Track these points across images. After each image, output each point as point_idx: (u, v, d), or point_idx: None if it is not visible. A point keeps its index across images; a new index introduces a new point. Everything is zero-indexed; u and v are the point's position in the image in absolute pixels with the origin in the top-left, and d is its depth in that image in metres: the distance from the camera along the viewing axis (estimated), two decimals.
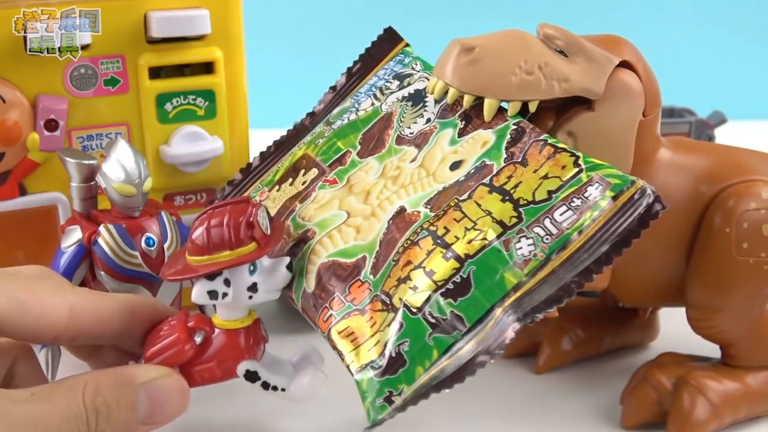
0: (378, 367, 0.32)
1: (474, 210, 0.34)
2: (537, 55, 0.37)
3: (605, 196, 0.33)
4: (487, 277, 0.33)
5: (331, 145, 0.42)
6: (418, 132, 0.39)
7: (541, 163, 0.35)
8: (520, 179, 0.35)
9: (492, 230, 0.33)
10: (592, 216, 0.33)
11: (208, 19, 0.46)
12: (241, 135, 0.50)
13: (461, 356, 0.32)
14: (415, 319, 0.33)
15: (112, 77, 0.46)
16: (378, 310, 0.34)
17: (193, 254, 0.35)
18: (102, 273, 0.41)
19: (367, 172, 0.39)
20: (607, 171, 0.34)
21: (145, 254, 0.40)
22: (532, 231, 0.33)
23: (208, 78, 0.47)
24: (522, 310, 0.32)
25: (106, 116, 0.46)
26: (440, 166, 0.37)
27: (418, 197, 0.37)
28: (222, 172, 0.49)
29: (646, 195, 0.33)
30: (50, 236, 0.46)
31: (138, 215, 0.41)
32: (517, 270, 0.33)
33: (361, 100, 0.43)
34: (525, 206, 0.34)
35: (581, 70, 0.37)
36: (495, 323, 0.32)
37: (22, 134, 0.44)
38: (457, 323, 0.32)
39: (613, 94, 0.37)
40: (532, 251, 0.33)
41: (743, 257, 0.38)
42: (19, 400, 0.31)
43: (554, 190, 0.34)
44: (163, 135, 0.47)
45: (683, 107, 0.68)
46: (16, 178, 0.45)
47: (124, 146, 0.40)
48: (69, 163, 0.41)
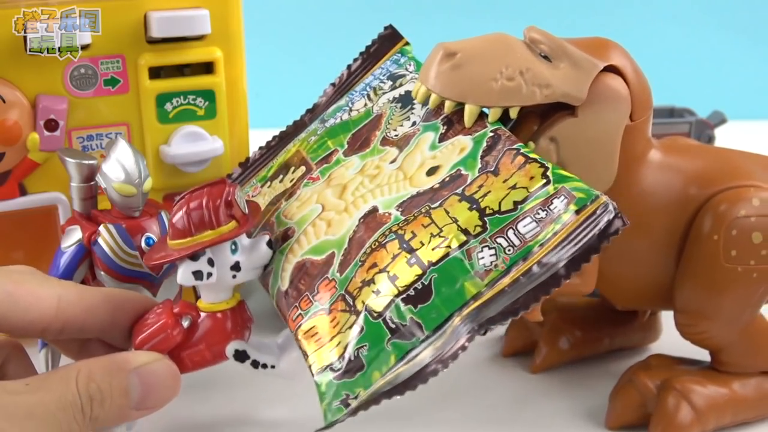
0: (337, 370, 0.33)
1: (442, 217, 0.34)
2: (519, 61, 0.36)
3: (569, 210, 0.32)
4: (448, 286, 0.33)
5: (321, 143, 0.42)
6: (402, 134, 0.39)
7: (511, 172, 0.34)
8: (490, 188, 0.34)
9: (456, 238, 0.33)
10: (554, 229, 0.32)
11: (208, 19, 0.46)
12: (241, 135, 0.50)
13: (417, 363, 0.32)
14: (376, 324, 0.33)
15: (112, 77, 0.46)
16: (341, 311, 0.34)
17: (175, 238, 0.36)
18: (102, 273, 0.41)
19: (347, 168, 0.40)
20: (574, 184, 0.33)
21: (145, 254, 0.40)
22: (495, 241, 0.33)
23: (208, 78, 0.47)
24: (478, 321, 0.32)
25: (106, 116, 0.46)
26: (418, 170, 0.37)
27: (391, 198, 0.37)
28: (222, 172, 0.49)
29: (608, 211, 0.32)
30: (50, 236, 0.46)
31: (138, 215, 0.41)
32: (478, 280, 0.32)
33: (355, 100, 0.43)
34: (490, 216, 0.33)
35: (564, 76, 0.36)
36: (452, 332, 0.32)
37: (22, 134, 0.44)
38: (415, 330, 0.32)
39: (596, 99, 0.37)
40: (494, 262, 0.32)
41: (732, 265, 0.38)
42: (14, 391, 0.31)
43: (520, 200, 0.33)
44: (163, 135, 0.47)
45: (683, 107, 0.68)
46: (16, 178, 0.45)
47: (124, 146, 0.40)
48: (69, 163, 0.41)
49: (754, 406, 0.41)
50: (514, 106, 0.36)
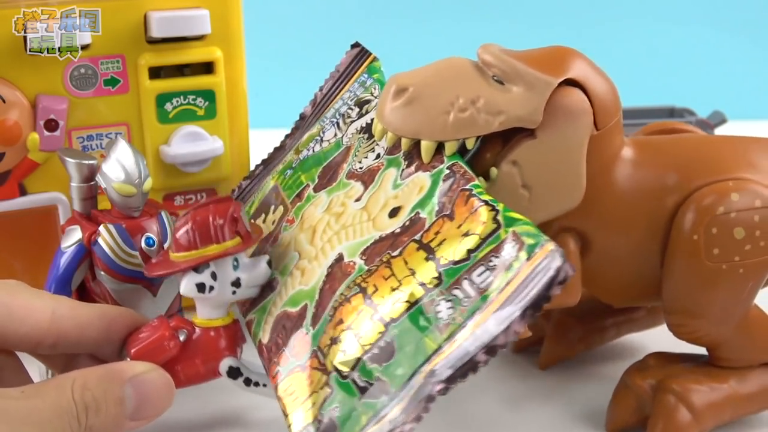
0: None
1: (401, 268, 0.34)
2: (470, 90, 0.35)
3: (519, 257, 0.31)
4: (409, 342, 0.32)
5: (295, 178, 0.42)
6: (367, 167, 0.39)
7: (464, 217, 0.33)
8: (445, 236, 0.33)
9: (414, 292, 0.32)
10: (507, 278, 0.31)
11: (208, 19, 0.46)
12: (241, 135, 0.50)
13: (387, 421, 0.31)
14: (345, 383, 0.32)
15: (112, 77, 0.46)
16: (315, 368, 0.34)
17: (179, 251, 0.37)
18: (102, 273, 0.41)
19: (316, 206, 0.39)
20: (524, 228, 0.32)
21: (145, 254, 0.40)
22: (451, 293, 0.32)
23: (208, 78, 0.47)
24: (441, 377, 0.31)
25: (106, 116, 0.46)
26: (381, 211, 0.36)
27: (356, 244, 0.36)
28: (222, 172, 0.49)
29: (555, 258, 0.30)
30: (50, 236, 0.46)
31: (138, 215, 0.41)
32: (437, 334, 0.31)
33: (326, 128, 0.42)
34: (445, 266, 0.32)
35: (517, 99, 0.35)
36: (417, 390, 0.31)
37: (22, 134, 0.44)
38: (383, 388, 0.32)
39: (554, 118, 0.35)
40: (452, 314, 0.31)
41: (715, 263, 0.37)
42: (10, 397, 0.31)
43: (473, 248, 0.32)
44: (163, 135, 0.47)
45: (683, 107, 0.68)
46: (16, 178, 0.45)
47: (124, 146, 0.40)
48: (69, 163, 0.41)
49: (755, 400, 0.40)
50: (470, 138, 0.36)
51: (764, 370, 0.40)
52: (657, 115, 0.67)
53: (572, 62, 0.37)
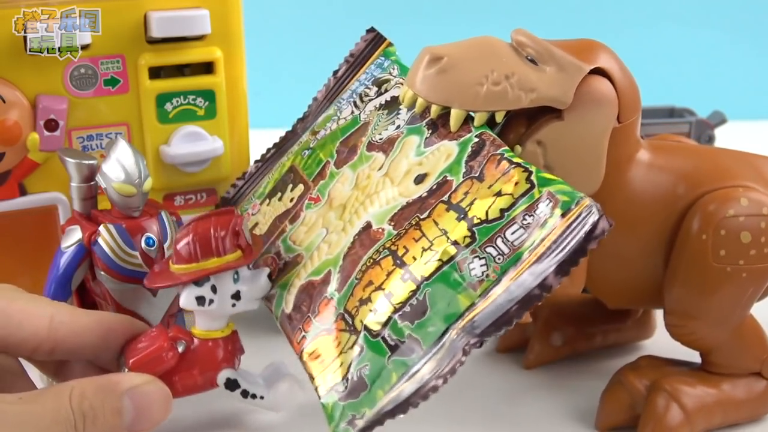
0: (341, 391, 0.33)
1: (432, 229, 0.34)
2: (505, 65, 0.36)
3: (554, 214, 0.32)
4: (442, 299, 0.33)
5: (314, 157, 0.42)
6: (387, 137, 0.39)
7: (496, 178, 0.34)
8: (476, 195, 0.34)
9: (447, 251, 0.33)
10: (542, 234, 0.32)
11: (208, 19, 0.46)
12: (241, 135, 0.50)
13: (417, 380, 0.32)
14: (375, 342, 0.33)
15: (112, 77, 0.46)
16: (342, 330, 0.34)
17: (179, 263, 0.37)
18: (102, 273, 0.41)
19: (343, 183, 0.40)
20: (558, 187, 0.33)
21: (145, 254, 0.40)
22: (484, 251, 0.33)
23: (208, 78, 0.47)
24: (473, 333, 0.32)
25: (106, 116, 0.46)
26: (405, 178, 0.37)
27: (383, 211, 0.37)
28: (222, 172, 0.49)
29: (592, 213, 0.32)
30: (50, 236, 0.46)
31: (138, 215, 0.41)
32: (471, 291, 0.32)
33: (342, 108, 0.43)
34: (478, 225, 0.33)
35: (549, 79, 0.36)
36: (450, 346, 0.32)
37: (22, 134, 0.44)
38: (414, 346, 0.32)
39: (582, 102, 0.36)
40: (485, 272, 0.32)
41: (721, 264, 0.38)
42: (7, 402, 0.31)
43: (506, 208, 0.33)
44: (163, 135, 0.47)
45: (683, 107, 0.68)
46: (16, 178, 0.45)
47: (124, 146, 0.40)
48: (69, 163, 0.41)
49: (744, 407, 0.41)
50: (500, 111, 0.36)
51: (753, 379, 0.41)
52: (657, 115, 0.66)
53: (602, 54, 0.38)
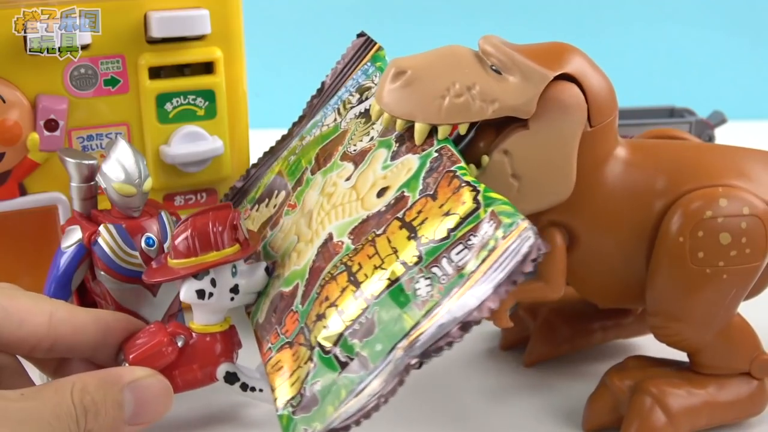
0: (295, 406, 0.33)
1: (384, 247, 0.34)
2: (467, 76, 0.36)
3: (496, 236, 0.32)
4: (389, 319, 0.33)
5: (297, 163, 0.42)
6: (360, 149, 0.39)
7: (447, 197, 0.34)
8: (427, 215, 0.34)
9: (395, 271, 0.33)
10: (483, 255, 0.32)
11: (208, 19, 0.46)
12: (241, 135, 0.50)
13: (364, 396, 0.32)
14: (327, 359, 0.33)
15: (112, 77, 0.46)
16: (301, 344, 0.35)
17: (178, 258, 0.37)
18: (102, 273, 0.41)
19: (314, 189, 0.40)
20: (501, 207, 0.33)
21: (145, 254, 0.40)
22: (430, 271, 0.33)
23: (208, 78, 0.47)
24: (415, 352, 0.32)
25: (106, 116, 0.46)
26: (370, 191, 0.37)
27: (345, 224, 0.37)
28: (222, 172, 0.49)
29: (529, 236, 0.31)
30: (50, 236, 0.46)
31: (138, 215, 0.41)
32: (416, 311, 0.32)
33: (327, 114, 0.43)
34: (425, 245, 0.33)
35: (512, 89, 0.36)
36: (395, 365, 0.32)
37: (22, 134, 0.44)
38: (363, 363, 0.32)
39: (547, 110, 0.36)
40: (430, 292, 0.32)
41: (699, 267, 0.37)
42: (9, 398, 0.31)
43: (453, 228, 0.33)
44: (163, 135, 0.47)
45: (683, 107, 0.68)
46: (16, 178, 0.45)
47: (124, 146, 0.40)
48: (69, 163, 0.41)
49: (731, 408, 0.40)
50: (463, 123, 0.36)
51: (743, 379, 0.40)
52: (657, 115, 0.66)
53: (570, 58, 0.37)
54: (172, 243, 0.38)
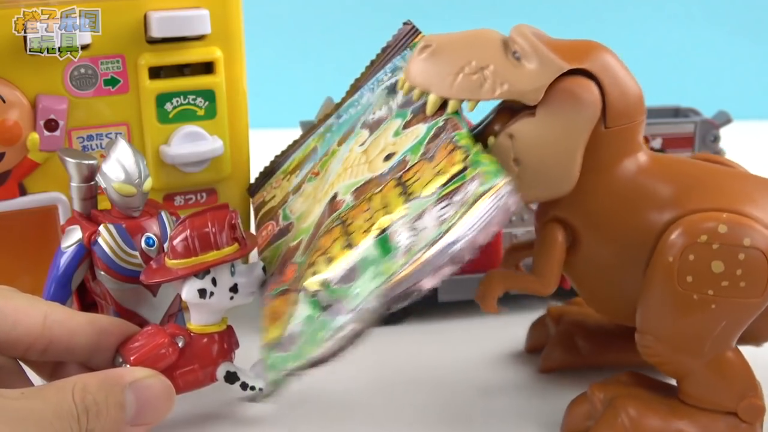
0: (274, 345, 0.35)
1: (377, 202, 0.36)
2: (485, 57, 0.37)
3: (475, 193, 0.33)
4: (372, 267, 0.34)
5: (330, 138, 0.44)
6: (378, 117, 0.41)
7: (441, 159, 0.36)
8: (421, 175, 0.36)
9: (382, 223, 0.35)
10: (462, 211, 0.33)
11: (208, 19, 0.46)
12: (241, 135, 0.50)
13: (341, 338, 0.34)
14: (313, 301, 0.35)
15: (112, 77, 0.46)
16: (293, 290, 0.37)
17: (177, 258, 0.38)
18: (102, 273, 0.41)
19: (336, 157, 0.42)
20: (487, 168, 0.34)
21: (145, 254, 0.40)
22: (413, 225, 0.34)
23: (208, 78, 0.47)
24: (386, 298, 0.34)
25: (106, 116, 0.46)
26: (378, 156, 0.39)
27: (350, 183, 0.39)
28: (222, 172, 0.49)
29: (508, 192, 0.33)
30: (50, 236, 0.46)
31: (138, 215, 0.41)
32: (396, 260, 0.34)
33: (364, 93, 0.45)
34: (414, 200, 0.35)
35: (525, 75, 0.36)
36: (369, 309, 0.34)
37: (22, 134, 0.44)
38: (342, 307, 0.34)
39: (557, 101, 0.36)
40: (410, 243, 0.34)
41: (686, 291, 0.36)
42: (10, 397, 0.31)
43: (442, 185, 0.35)
44: (163, 135, 0.47)
45: (688, 107, 0.68)
46: (16, 178, 0.45)
47: (124, 146, 0.40)
48: (69, 163, 0.41)
49: None
50: (471, 100, 0.37)
51: (729, 420, 0.38)
52: (661, 115, 0.66)
53: (595, 56, 0.37)
54: (170, 243, 0.38)
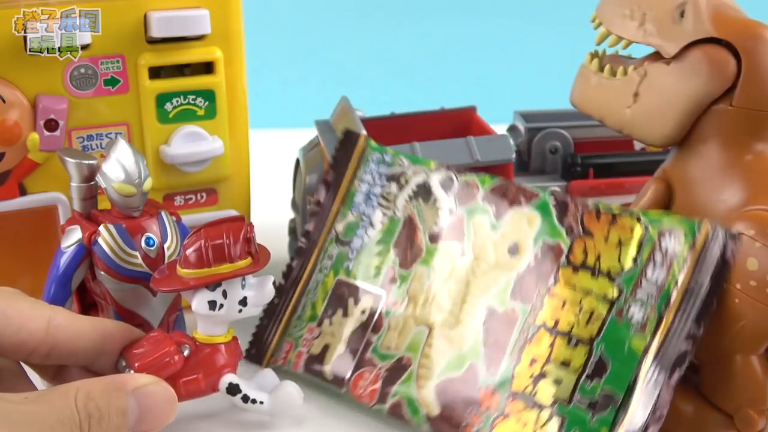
0: None
1: (570, 293, 0.37)
2: (653, 7, 0.40)
3: (683, 245, 0.35)
4: (619, 349, 0.35)
5: (366, 265, 0.43)
6: (449, 225, 0.41)
7: (606, 230, 0.37)
8: (598, 252, 0.37)
9: (601, 306, 0.36)
10: (680, 266, 0.35)
11: (208, 19, 0.46)
12: (241, 135, 0.50)
13: (633, 425, 0.34)
14: (572, 410, 0.35)
15: (112, 77, 0.46)
16: (522, 410, 0.36)
17: (189, 268, 0.38)
18: (102, 273, 0.41)
19: (420, 280, 0.41)
20: (669, 221, 0.36)
21: (145, 254, 0.40)
22: (635, 297, 0.35)
23: (208, 78, 0.47)
24: (664, 366, 0.34)
25: (106, 116, 0.46)
26: (498, 253, 0.39)
27: (498, 292, 0.39)
28: (222, 172, 0.49)
29: (718, 237, 0.35)
30: (50, 236, 0.46)
31: (138, 215, 0.41)
32: (640, 333, 0.35)
33: (368, 213, 0.44)
34: (618, 276, 0.36)
35: (672, 30, 0.39)
36: (645, 384, 0.34)
37: (22, 134, 0.44)
38: (609, 398, 0.34)
39: (689, 60, 0.39)
40: (645, 314, 0.35)
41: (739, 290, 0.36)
42: (12, 401, 0.31)
43: (635, 254, 0.36)
44: (163, 135, 0.47)
45: None
46: (16, 178, 0.45)
47: (124, 146, 0.40)
48: (69, 163, 0.41)
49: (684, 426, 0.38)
50: (617, 37, 0.41)
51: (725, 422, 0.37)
52: None
53: (750, 35, 0.38)
54: (183, 252, 0.38)
